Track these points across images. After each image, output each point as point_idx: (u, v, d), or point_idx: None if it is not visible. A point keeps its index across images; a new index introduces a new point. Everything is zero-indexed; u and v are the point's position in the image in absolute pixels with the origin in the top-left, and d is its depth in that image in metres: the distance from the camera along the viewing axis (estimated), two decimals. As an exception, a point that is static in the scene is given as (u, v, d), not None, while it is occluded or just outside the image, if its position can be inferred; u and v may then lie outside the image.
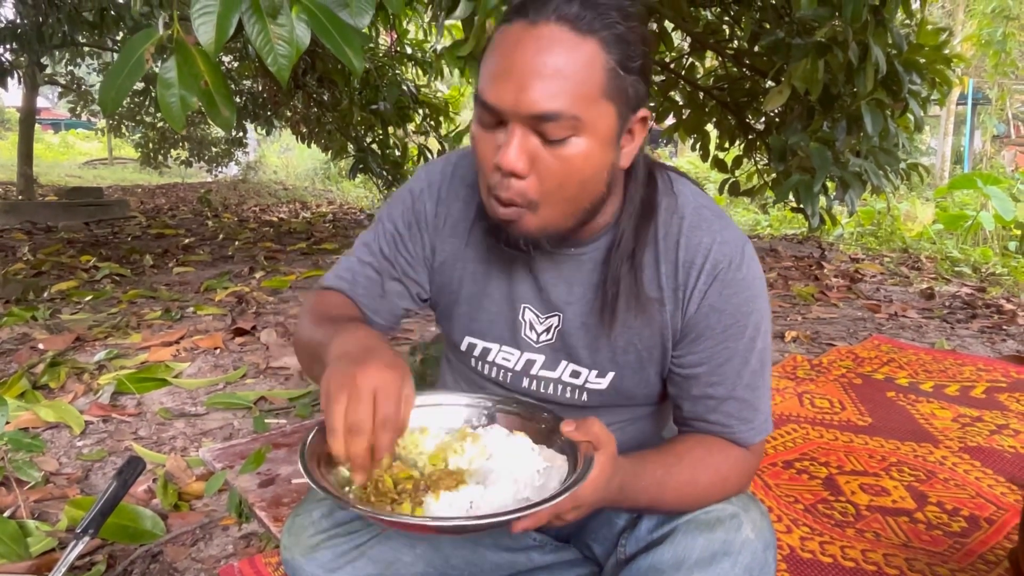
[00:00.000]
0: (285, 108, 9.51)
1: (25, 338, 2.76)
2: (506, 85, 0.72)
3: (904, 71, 3.77)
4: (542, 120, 0.72)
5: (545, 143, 0.74)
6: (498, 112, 0.74)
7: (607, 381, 0.93)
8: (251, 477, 1.62)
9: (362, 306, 0.98)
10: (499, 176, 0.76)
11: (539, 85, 0.71)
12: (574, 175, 0.76)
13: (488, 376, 0.99)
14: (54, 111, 23.33)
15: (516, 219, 0.78)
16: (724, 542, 0.82)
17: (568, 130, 0.73)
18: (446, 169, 0.97)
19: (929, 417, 2.01)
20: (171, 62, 1.78)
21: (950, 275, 4.29)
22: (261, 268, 4.46)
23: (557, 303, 0.91)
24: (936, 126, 11.60)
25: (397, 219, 0.97)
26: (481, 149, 0.78)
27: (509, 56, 0.73)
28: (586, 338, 0.91)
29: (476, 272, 0.94)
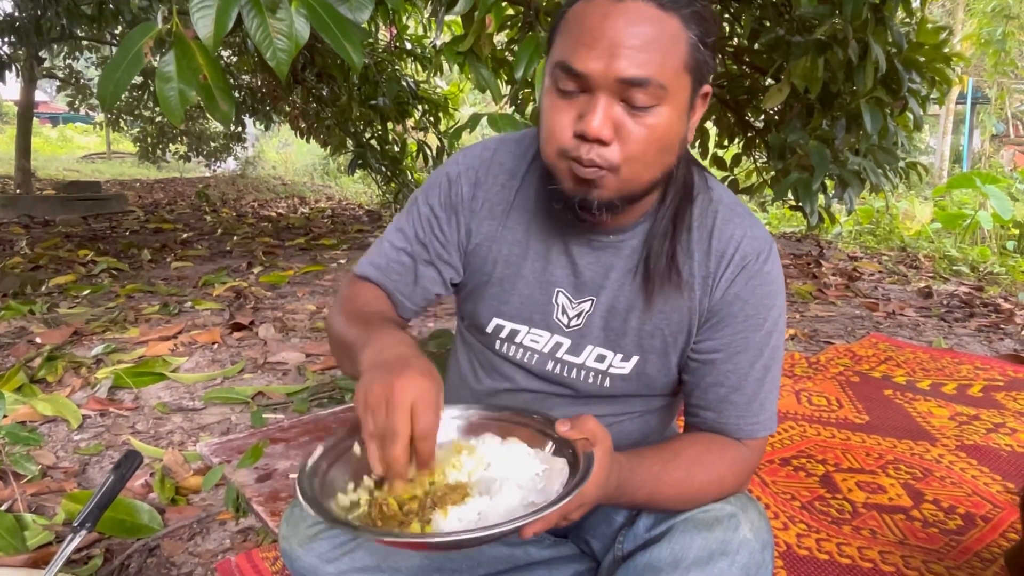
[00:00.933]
0: (284, 103, 9.49)
1: (22, 332, 2.76)
2: (597, 53, 0.74)
3: (904, 69, 3.77)
4: (631, 86, 0.74)
5: (630, 111, 0.76)
6: (586, 79, 0.75)
7: (631, 366, 0.94)
8: (248, 472, 1.62)
9: (394, 293, 0.99)
10: (579, 143, 0.77)
11: (630, 53, 0.74)
12: (656, 142, 0.78)
13: (512, 358, 0.99)
14: (52, 105, 23.27)
15: (596, 179, 0.79)
16: (722, 542, 0.82)
17: (654, 98, 0.75)
18: (484, 154, 0.98)
19: (926, 415, 2.01)
20: (170, 56, 1.78)
21: (948, 274, 4.29)
22: (259, 263, 4.46)
23: (592, 288, 0.92)
24: (935, 125, 11.61)
25: (433, 202, 0.97)
26: (556, 118, 0.79)
27: (599, 27, 0.75)
28: (615, 321, 0.92)
29: (511, 255, 0.95)
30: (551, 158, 0.81)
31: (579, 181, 0.80)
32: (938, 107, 8.78)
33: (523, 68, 2.32)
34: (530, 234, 0.94)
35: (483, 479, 0.77)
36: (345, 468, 0.77)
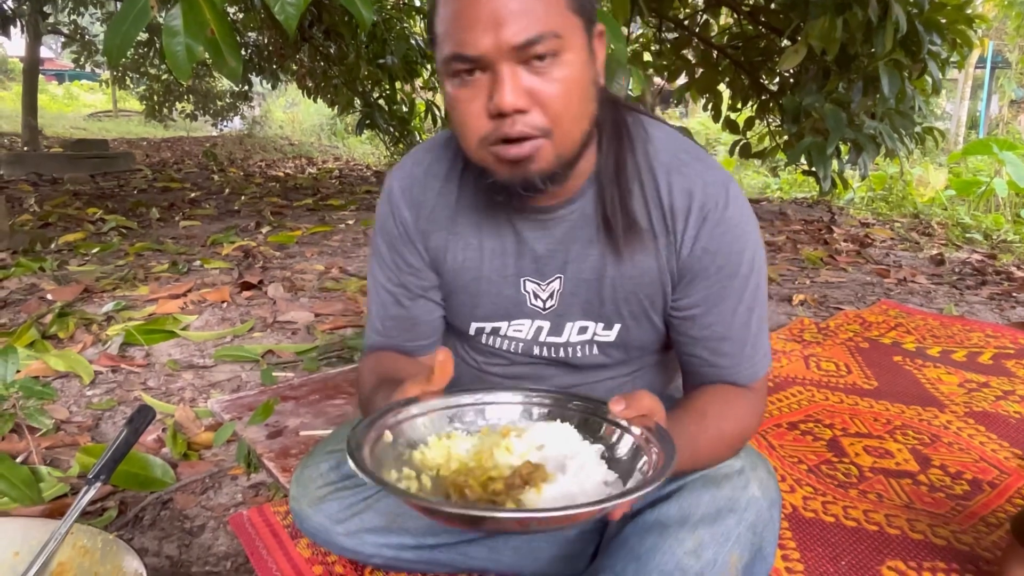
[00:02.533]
0: (291, 61, 9.37)
1: (33, 288, 2.77)
2: (482, 30, 0.72)
3: (924, 31, 3.68)
4: (528, 47, 0.72)
5: (535, 71, 0.73)
6: (479, 61, 0.73)
7: (615, 333, 0.94)
8: (259, 428, 1.63)
9: (404, 347, 1.01)
10: (499, 122, 0.75)
11: (513, 17, 0.71)
12: (573, 92, 0.76)
13: (500, 349, 1.00)
14: (58, 62, 23.09)
15: (534, 153, 0.76)
16: (730, 499, 0.82)
17: (553, 48, 0.73)
18: (415, 170, 0.97)
19: (935, 382, 2.01)
20: (177, 10, 1.75)
21: (961, 241, 4.25)
22: (267, 223, 4.45)
23: (556, 266, 0.91)
24: (952, 90, 11.39)
25: (387, 241, 0.98)
26: (467, 109, 0.76)
27: (473, 4, 0.72)
28: (588, 292, 0.91)
29: (467, 259, 0.95)
30: (476, 152, 0.79)
31: (513, 164, 0.77)
32: (957, 71, 8.60)
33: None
34: (481, 233, 0.93)
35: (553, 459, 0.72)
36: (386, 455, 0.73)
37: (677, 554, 0.79)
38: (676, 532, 0.80)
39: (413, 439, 0.76)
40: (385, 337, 1.02)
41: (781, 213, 5.27)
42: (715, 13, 5.17)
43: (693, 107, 12.02)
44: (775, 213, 5.28)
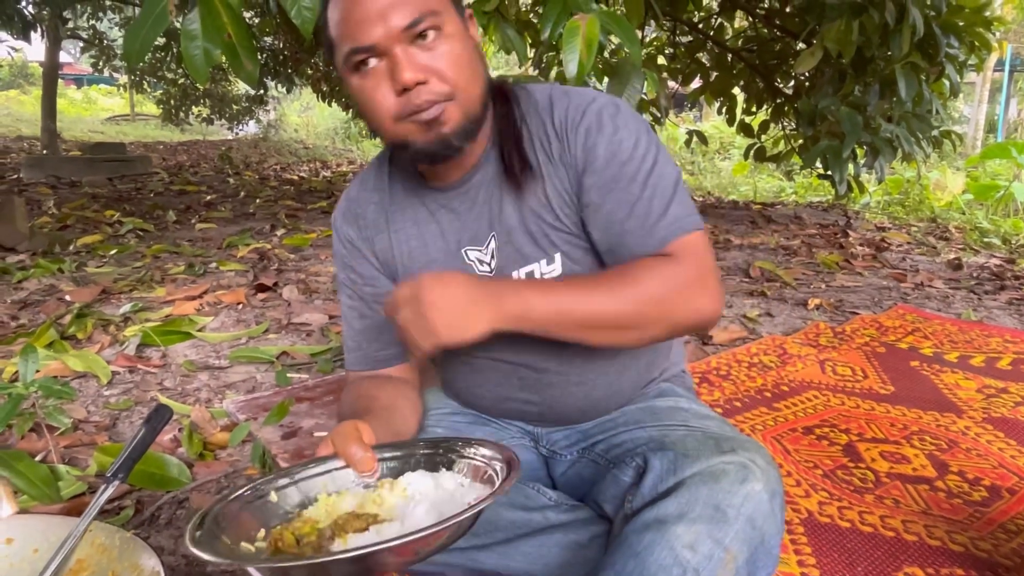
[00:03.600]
0: (306, 66, 9.44)
1: (52, 289, 2.81)
2: (372, 22, 0.83)
3: (942, 33, 3.66)
4: (413, 27, 0.83)
5: (424, 46, 0.85)
6: (374, 48, 0.84)
7: (558, 263, 0.98)
8: (274, 429, 1.64)
9: (378, 358, 1.08)
10: (407, 98, 0.85)
11: (395, 6, 0.83)
12: (460, 58, 0.87)
13: None
14: (76, 66, 23.36)
15: (441, 115, 0.86)
16: (728, 493, 0.81)
17: (434, 24, 0.85)
18: (351, 192, 1.09)
19: (953, 387, 1.99)
20: (195, 14, 1.77)
21: (979, 246, 4.21)
22: (282, 226, 4.48)
23: (486, 226, 0.99)
24: (970, 93, 11.29)
25: (342, 263, 1.09)
26: (375, 95, 0.87)
27: (358, 4, 0.84)
28: (519, 238, 0.98)
29: (412, 249, 1.03)
30: (392, 128, 0.89)
31: (426, 128, 0.87)
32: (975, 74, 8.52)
33: (549, 29, 2.28)
34: (417, 222, 1.03)
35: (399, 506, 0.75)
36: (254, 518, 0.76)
37: (675, 548, 0.78)
38: (674, 527, 0.80)
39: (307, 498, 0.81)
40: (357, 352, 1.09)
41: (796, 217, 5.24)
42: (730, 16, 5.16)
43: (707, 110, 11.98)
44: (790, 217, 5.26)
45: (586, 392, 1.04)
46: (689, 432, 0.93)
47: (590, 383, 1.03)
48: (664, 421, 0.99)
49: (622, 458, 0.96)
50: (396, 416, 0.98)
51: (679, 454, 0.84)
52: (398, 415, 0.99)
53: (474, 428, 1.11)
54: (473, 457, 0.79)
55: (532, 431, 1.11)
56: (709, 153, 9.27)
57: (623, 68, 2.50)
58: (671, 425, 0.97)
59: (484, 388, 1.08)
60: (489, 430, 1.11)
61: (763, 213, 5.42)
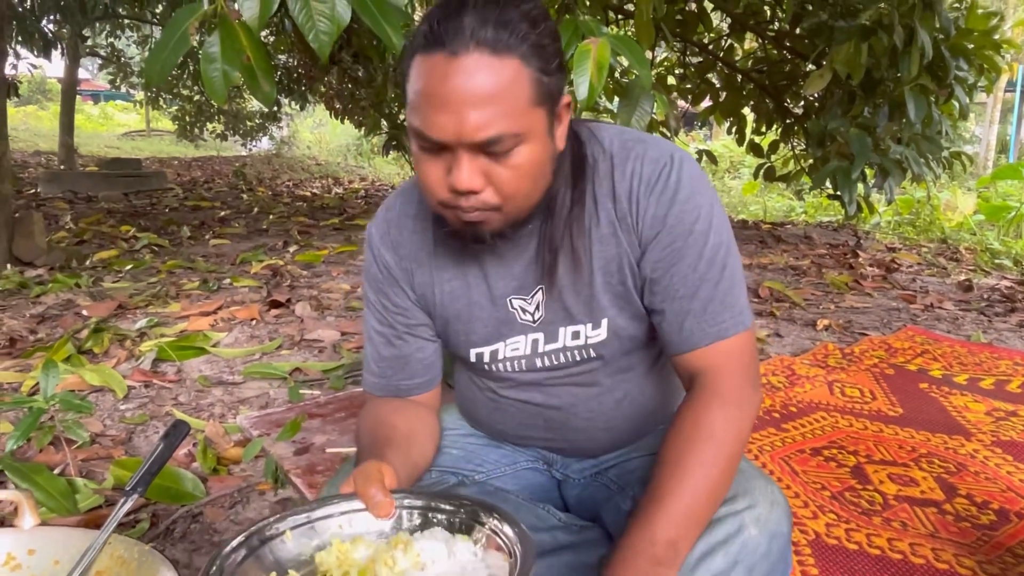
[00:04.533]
0: (319, 83, 9.55)
1: (70, 304, 2.85)
2: (445, 118, 0.75)
3: (951, 56, 3.67)
4: (487, 146, 0.76)
5: (493, 159, 0.78)
6: (441, 144, 0.78)
7: (604, 329, 0.95)
8: (287, 445, 1.66)
9: (400, 387, 1.05)
10: (455, 195, 0.80)
11: (476, 114, 0.74)
12: (527, 176, 0.81)
13: (503, 373, 1.02)
14: (94, 82, 23.70)
15: (485, 221, 0.83)
16: (723, 541, 0.80)
17: (512, 145, 0.77)
18: (389, 215, 1.02)
19: (962, 410, 1.99)
20: (214, 37, 1.81)
21: (990, 267, 4.20)
22: (295, 242, 4.53)
23: (535, 278, 0.95)
24: (981, 113, 11.29)
25: (375, 287, 1.03)
26: (428, 174, 0.81)
27: (440, 90, 0.75)
28: (570, 298, 0.94)
29: (454, 289, 0.99)
30: (435, 208, 0.85)
31: (466, 223, 0.83)
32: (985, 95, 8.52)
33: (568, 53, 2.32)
34: (461, 263, 0.97)
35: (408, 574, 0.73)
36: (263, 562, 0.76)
37: None
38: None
39: (322, 540, 0.79)
40: (380, 378, 1.06)
41: (806, 237, 5.24)
42: (739, 37, 5.20)
43: (717, 129, 12.03)
44: (800, 237, 5.26)
45: (612, 437, 1.04)
46: None
47: (616, 429, 1.03)
48: None
49: (630, 486, 0.97)
50: (415, 447, 0.97)
51: None
52: (417, 446, 0.98)
53: (488, 451, 1.11)
54: (495, 531, 0.76)
55: (547, 457, 1.11)
56: (719, 172, 9.29)
57: (633, 90, 2.53)
58: None
59: (506, 425, 1.08)
60: (503, 453, 1.12)
61: (773, 233, 5.43)
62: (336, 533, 0.80)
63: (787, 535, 0.84)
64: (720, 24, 5.58)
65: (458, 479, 1.07)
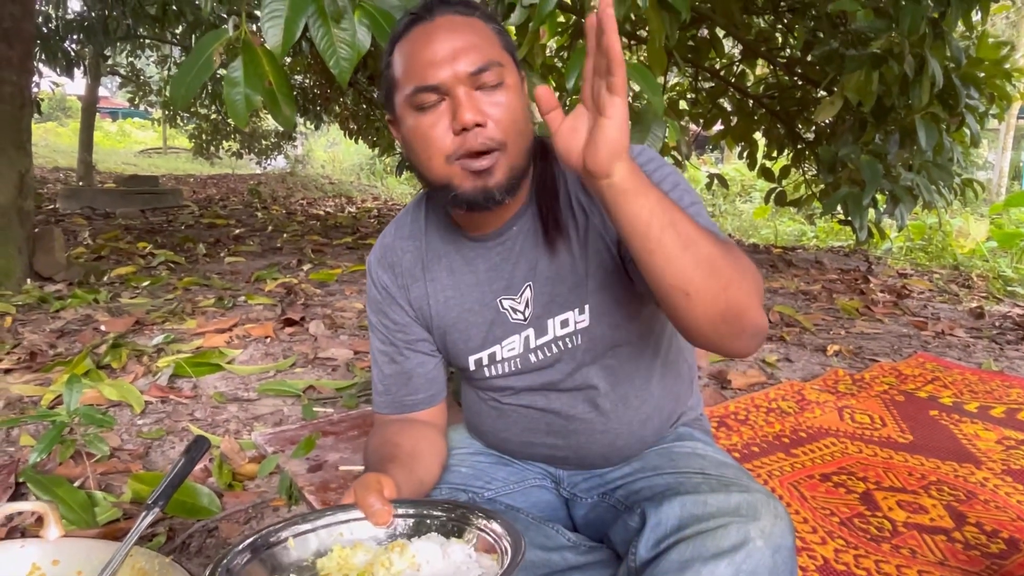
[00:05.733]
0: (335, 104, 9.69)
1: (88, 319, 2.90)
2: (441, 64, 0.88)
3: (962, 85, 3.70)
4: (480, 73, 0.89)
5: (485, 94, 0.89)
6: (442, 86, 0.89)
7: (588, 314, 1.00)
8: (300, 462, 1.69)
9: (405, 403, 1.11)
10: (463, 139, 0.89)
11: (465, 52, 0.89)
12: (517, 110, 0.92)
13: (501, 374, 1.07)
14: (112, 100, 24.09)
15: (493, 166, 0.90)
16: (729, 552, 0.82)
17: (498, 76, 0.90)
18: (385, 240, 1.12)
19: (972, 438, 1.99)
20: (238, 62, 1.86)
21: (1002, 294, 4.19)
22: (308, 260, 4.58)
23: (522, 276, 1.02)
24: (995, 140, 11.28)
25: (375, 308, 1.12)
26: (432, 132, 0.90)
27: (429, 44, 0.90)
28: (556, 287, 1.01)
29: (448, 299, 1.06)
30: (441, 169, 0.92)
31: (475, 176, 0.90)
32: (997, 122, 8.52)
33: (574, 79, 2.36)
34: (453, 272, 1.06)
35: (405, 573, 0.77)
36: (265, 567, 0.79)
37: None
38: None
39: (323, 546, 0.83)
40: (386, 395, 1.12)
41: (817, 262, 5.25)
42: (751, 64, 5.25)
43: (729, 154, 12.07)
44: (811, 262, 5.27)
45: (610, 440, 1.06)
46: (704, 480, 0.94)
47: (614, 432, 1.06)
48: (681, 468, 1.01)
49: (637, 504, 0.99)
50: (419, 464, 1.00)
51: (685, 508, 0.86)
52: (421, 463, 1.01)
53: (496, 468, 1.14)
54: (485, 529, 0.81)
55: (554, 473, 1.14)
56: (730, 196, 9.32)
57: (645, 116, 2.57)
58: (687, 472, 0.99)
59: (511, 432, 1.11)
60: (511, 470, 1.14)
61: (784, 257, 5.44)
62: (337, 540, 0.84)
63: (791, 549, 0.85)
64: (732, 50, 5.64)
65: (468, 496, 1.10)
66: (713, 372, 2.52)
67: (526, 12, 2.24)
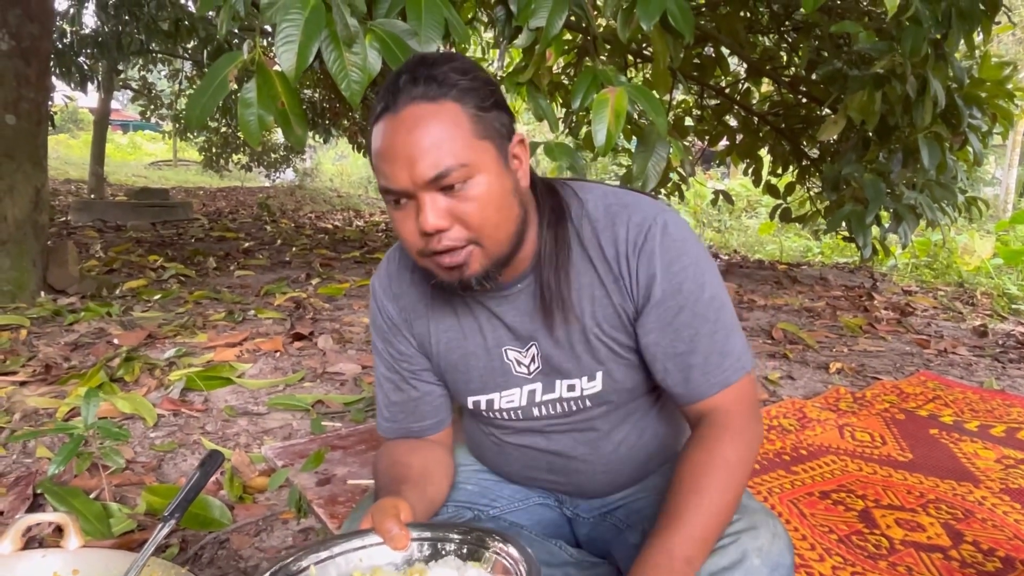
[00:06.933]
0: (343, 118, 9.80)
1: (101, 333, 2.95)
2: (399, 168, 0.84)
3: (964, 105, 3.74)
4: (438, 180, 0.83)
5: (452, 196, 0.84)
6: (403, 192, 0.85)
7: (599, 381, 1.00)
8: (310, 475, 1.72)
9: (412, 430, 1.11)
10: (428, 239, 0.86)
11: (423, 156, 0.83)
12: (489, 206, 0.86)
13: (500, 421, 1.08)
14: (123, 112, 24.34)
15: (465, 261, 0.87)
16: (730, 565, 0.85)
17: (463, 176, 0.84)
18: (389, 267, 1.09)
19: (972, 456, 2.01)
20: (252, 83, 1.92)
21: (1006, 312, 4.21)
22: (317, 275, 4.64)
23: (527, 334, 1.00)
24: (1002, 156, 11.29)
25: (381, 336, 1.10)
26: (403, 228, 0.89)
27: (391, 145, 0.85)
28: (563, 353, 0.99)
29: (451, 340, 1.05)
30: (418, 259, 0.91)
31: (449, 269, 0.88)
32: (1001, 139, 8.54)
33: (580, 99, 2.41)
34: (456, 313, 1.04)
35: None
36: None
37: None
38: None
39: (343, 573, 0.85)
40: (392, 422, 1.12)
41: (821, 278, 5.27)
42: (756, 82, 5.31)
43: (734, 170, 12.12)
44: (815, 278, 5.29)
45: (611, 478, 1.08)
46: None
47: (615, 471, 1.07)
48: None
49: (639, 522, 1.02)
50: (430, 484, 1.02)
51: None
52: (432, 483, 1.02)
53: (501, 486, 1.17)
54: (501, 553, 0.83)
55: (557, 495, 1.17)
56: (735, 211, 9.36)
57: (650, 136, 2.62)
58: None
59: (512, 467, 1.13)
60: (515, 489, 1.17)
61: (788, 273, 5.46)
62: (356, 566, 0.86)
63: (789, 567, 0.88)
64: (737, 68, 5.70)
65: (473, 514, 1.12)
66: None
67: (532, 35, 2.30)
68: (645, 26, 2.24)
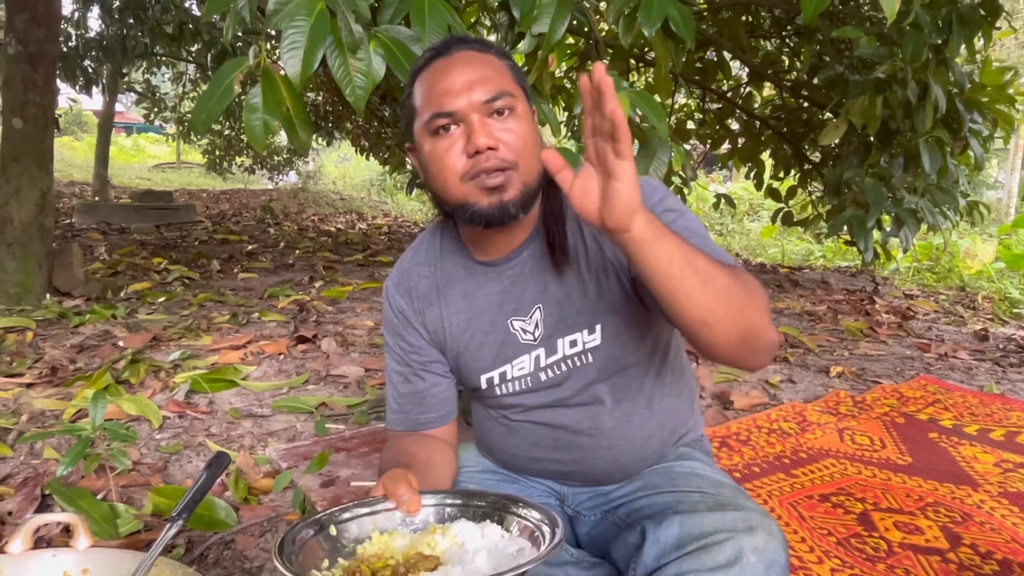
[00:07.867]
0: (346, 121, 9.83)
1: (107, 335, 2.97)
2: (456, 92, 0.96)
3: (965, 110, 3.76)
4: (492, 102, 0.96)
5: (497, 121, 0.97)
6: (457, 114, 0.96)
7: (598, 334, 1.06)
8: (314, 477, 1.74)
9: (419, 421, 1.17)
10: (476, 160, 0.96)
11: (479, 83, 0.97)
12: (527, 136, 0.99)
13: (512, 392, 1.12)
14: (127, 115, 24.42)
15: (507, 182, 0.96)
16: (725, 563, 0.86)
17: (510, 104, 0.98)
18: (402, 266, 1.18)
19: (970, 460, 2.03)
20: (257, 89, 1.94)
21: (1008, 316, 4.22)
22: (320, 277, 4.66)
23: (532, 298, 1.08)
24: (1004, 159, 11.30)
25: (392, 331, 1.18)
26: (447, 155, 0.98)
27: (448, 78, 0.98)
28: (565, 309, 1.06)
29: (461, 322, 1.12)
30: (457, 188, 0.99)
31: (491, 192, 0.97)
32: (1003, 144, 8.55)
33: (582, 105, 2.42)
34: (466, 296, 1.12)
35: (456, 552, 0.82)
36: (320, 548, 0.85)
37: None
38: None
39: (361, 534, 0.89)
40: (400, 413, 1.18)
41: (823, 282, 5.28)
42: (758, 86, 5.33)
43: (736, 174, 12.12)
44: (817, 281, 5.30)
45: (614, 456, 1.11)
46: (702, 499, 0.99)
47: (617, 448, 1.11)
48: (680, 487, 1.05)
49: (638, 522, 1.03)
50: (432, 473, 1.06)
51: (684, 526, 0.90)
52: (434, 472, 1.06)
53: (504, 486, 1.19)
54: (524, 516, 0.86)
55: (559, 491, 1.19)
56: (738, 215, 9.37)
57: (651, 141, 2.63)
58: (686, 491, 1.04)
59: (519, 448, 1.16)
60: (517, 488, 1.19)
61: (790, 277, 5.47)
62: (373, 529, 0.89)
63: (784, 566, 0.89)
64: (739, 73, 5.72)
65: None
66: (716, 392, 2.56)
67: (535, 41, 2.31)
68: (647, 32, 2.26)
